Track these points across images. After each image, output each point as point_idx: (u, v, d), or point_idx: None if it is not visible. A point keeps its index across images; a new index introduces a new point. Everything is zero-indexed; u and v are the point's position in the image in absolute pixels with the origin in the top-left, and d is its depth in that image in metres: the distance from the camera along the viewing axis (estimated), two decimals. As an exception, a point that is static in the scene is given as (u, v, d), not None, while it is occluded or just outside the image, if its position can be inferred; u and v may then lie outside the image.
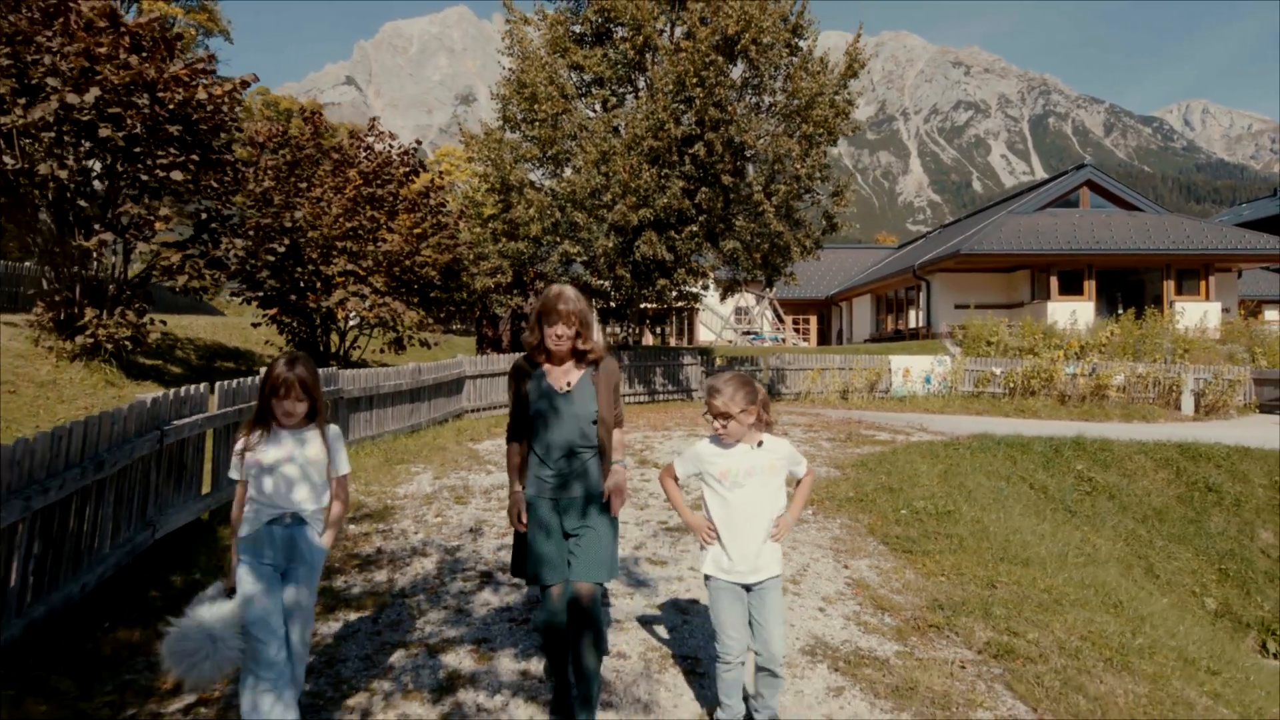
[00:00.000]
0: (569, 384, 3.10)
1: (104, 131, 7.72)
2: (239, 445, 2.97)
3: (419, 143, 14.84)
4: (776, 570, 2.99)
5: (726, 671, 2.99)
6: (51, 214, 8.35)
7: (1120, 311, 24.24)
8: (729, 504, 2.96)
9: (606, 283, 15.49)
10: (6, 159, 7.65)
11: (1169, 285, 26.02)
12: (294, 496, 2.91)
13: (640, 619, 4.33)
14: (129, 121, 7.88)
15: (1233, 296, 28.21)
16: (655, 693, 3.47)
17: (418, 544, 5.66)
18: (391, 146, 13.68)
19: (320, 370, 7.16)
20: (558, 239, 14.52)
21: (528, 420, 3.10)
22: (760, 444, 2.99)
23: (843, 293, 37.71)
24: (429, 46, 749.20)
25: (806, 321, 41.95)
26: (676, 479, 3.14)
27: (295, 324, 12.81)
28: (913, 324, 30.55)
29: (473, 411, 12.83)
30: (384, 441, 9.52)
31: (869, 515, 6.68)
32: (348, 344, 13.93)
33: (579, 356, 3.11)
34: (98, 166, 8.44)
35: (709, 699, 3.37)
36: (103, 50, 7.74)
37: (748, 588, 2.97)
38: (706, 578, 3.05)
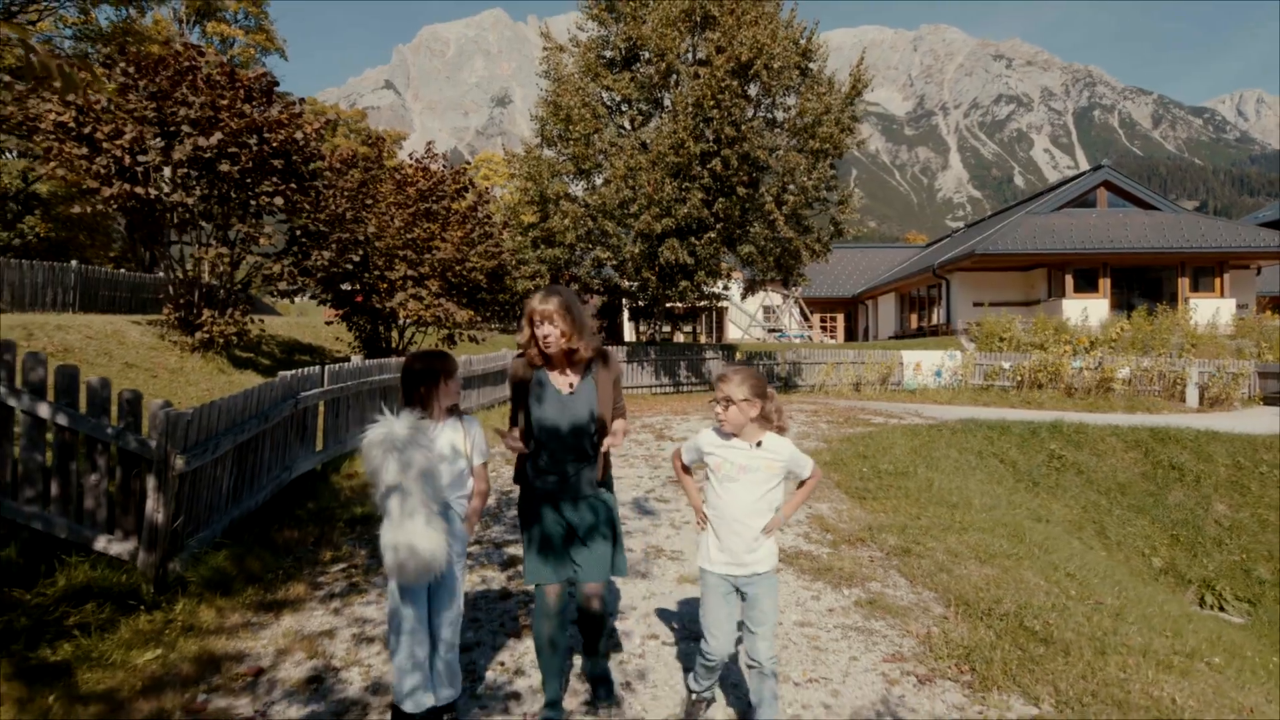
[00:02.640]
0: (571, 385, 3.08)
1: (223, 167, 9.62)
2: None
3: (455, 162, 16.59)
4: (767, 567, 2.96)
5: (707, 663, 3.06)
6: (178, 233, 10.29)
7: (1137, 308, 25.08)
8: (720, 496, 2.96)
9: (634, 284, 17.14)
10: (150, 190, 9.57)
11: (1184, 283, 26.77)
12: (441, 484, 2.96)
13: (644, 534, 5.97)
14: (243, 158, 9.76)
15: (1250, 293, 28.77)
16: (649, 569, 5.11)
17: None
18: (445, 167, 15.52)
19: (382, 360, 8.92)
20: (590, 246, 16.24)
21: (527, 420, 3.10)
22: (760, 444, 2.95)
23: (868, 291, 38.82)
24: (465, 49, 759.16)
25: (833, 319, 43.09)
26: (686, 465, 3.23)
27: (363, 322, 14.70)
28: (934, 321, 31.63)
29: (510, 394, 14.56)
30: (443, 421, 11.28)
31: (839, 474, 8.23)
32: (405, 340, 15.80)
33: (571, 357, 3.06)
34: (215, 194, 10.33)
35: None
36: (224, 102, 9.65)
37: (739, 587, 2.97)
38: (701, 570, 3.06)
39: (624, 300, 19.55)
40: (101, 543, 4.35)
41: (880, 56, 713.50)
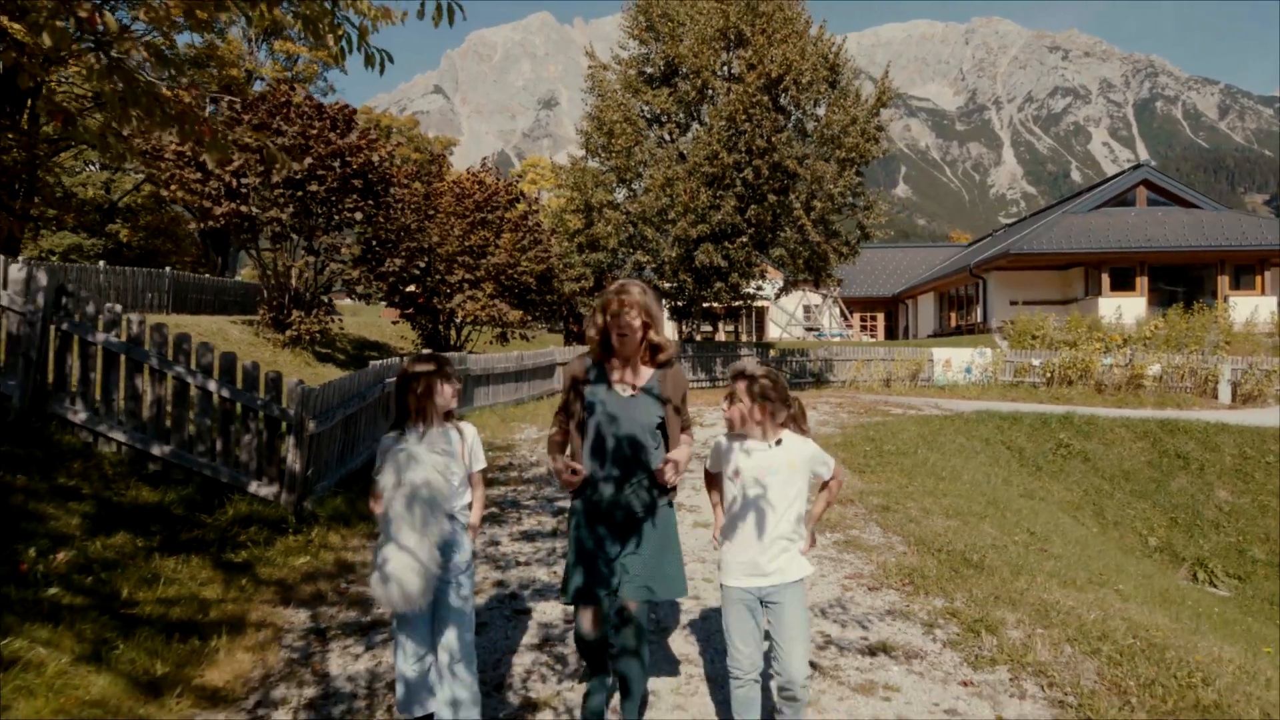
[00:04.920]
0: (634, 387, 2.89)
1: (312, 187, 11.18)
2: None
3: (501, 165, 18.03)
4: (794, 576, 2.77)
5: (738, 688, 2.78)
6: (272, 244, 11.91)
7: (1176, 306, 25.24)
8: (739, 500, 2.80)
9: (672, 286, 18.37)
10: (252, 208, 11.18)
11: (1223, 281, 26.83)
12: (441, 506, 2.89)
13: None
14: (328, 179, 11.31)
15: (1293, 291, 28.57)
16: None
17: (533, 461, 8.71)
18: (497, 176, 16.99)
19: (452, 354, 10.31)
20: (631, 250, 17.53)
21: (579, 424, 2.93)
22: (779, 442, 2.78)
23: (908, 291, 39.31)
24: (512, 53, 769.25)
25: (874, 318, 43.63)
26: (710, 473, 3.04)
27: (424, 321, 16.23)
28: (972, 320, 32.09)
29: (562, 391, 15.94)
30: (498, 409, 12.69)
31: (845, 453, 9.32)
32: (462, 337, 17.30)
33: (652, 354, 2.91)
34: (304, 210, 11.91)
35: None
36: (314, 131, 11.21)
37: (762, 599, 2.77)
38: (721, 586, 2.86)
39: (663, 301, 20.79)
40: (254, 486, 5.75)
41: (930, 50, 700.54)
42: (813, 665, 3.78)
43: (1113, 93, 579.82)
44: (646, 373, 2.94)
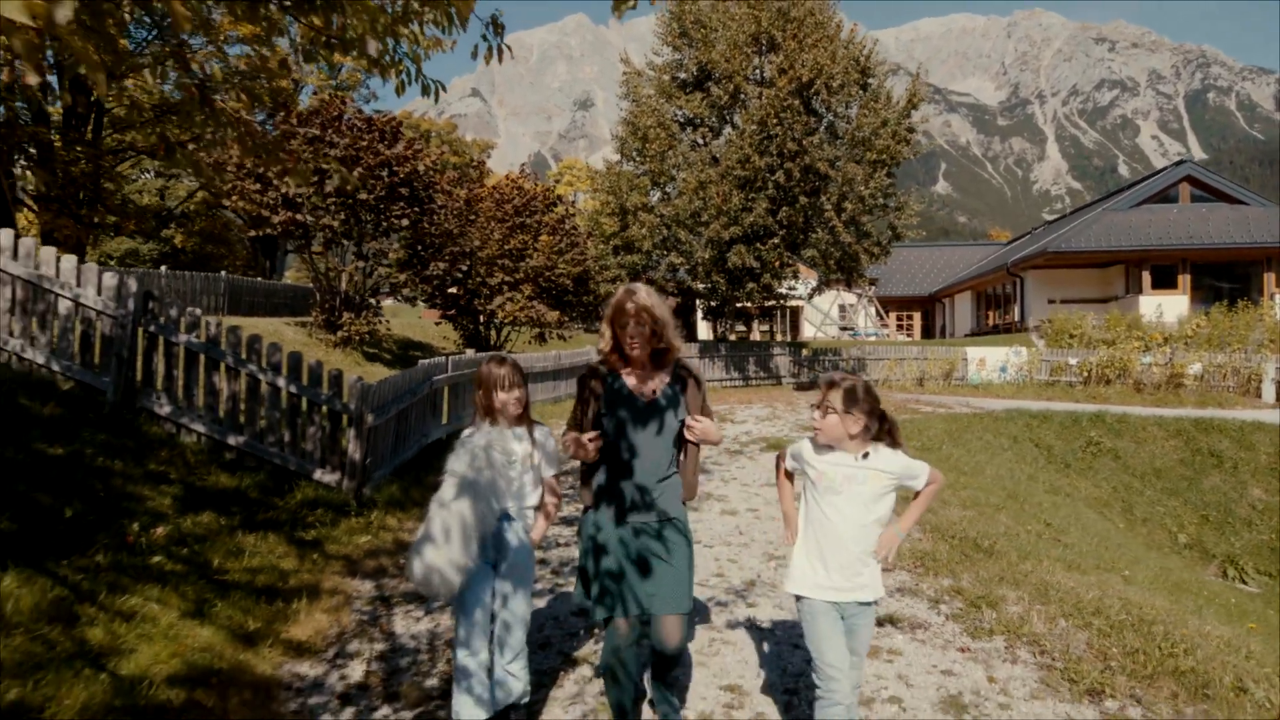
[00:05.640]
0: (652, 391, 2.84)
1: (362, 196, 11.85)
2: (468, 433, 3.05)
3: (538, 166, 18.61)
4: (873, 595, 2.70)
5: (829, 709, 2.57)
6: (324, 250, 12.62)
7: (1220, 304, 24.80)
8: (823, 510, 2.68)
9: (705, 286, 18.77)
10: (306, 216, 11.89)
11: (1269, 278, 26.30)
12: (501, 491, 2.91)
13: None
14: (377, 188, 11.96)
15: (1350, 287, 27.84)
16: (701, 507, 6.75)
17: (571, 455, 9.20)
18: (537, 183, 17.56)
19: (490, 353, 10.85)
20: (665, 252, 17.96)
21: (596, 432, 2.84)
22: (866, 455, 2.66)
23: (945, 289, 39.06)
24: (548, 55, 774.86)
25: (910, 317, 43.40)
26: (789, 471, 2.94)
27: (465, 322, 16.86)
28: (1010, 319, 31.86)
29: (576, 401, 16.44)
30: (535, 406, 13.21)
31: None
32: (501, 338, 17.91)
33: (657, 359, 2.85)
34: (354, 218, 12.59)
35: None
36: (364, 143, 11.88)
37: (841, 612, 2.67)
38: (797, 598, 2.76)
39: (697, 301, 21.18)
40: (318, 474, 6.32)
41: (970, 44, 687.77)
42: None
43: (1162, 84, 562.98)
44: (662, 377, 2.88)
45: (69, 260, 6.12)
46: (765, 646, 3.96)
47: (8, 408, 5.48)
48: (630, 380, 2.86)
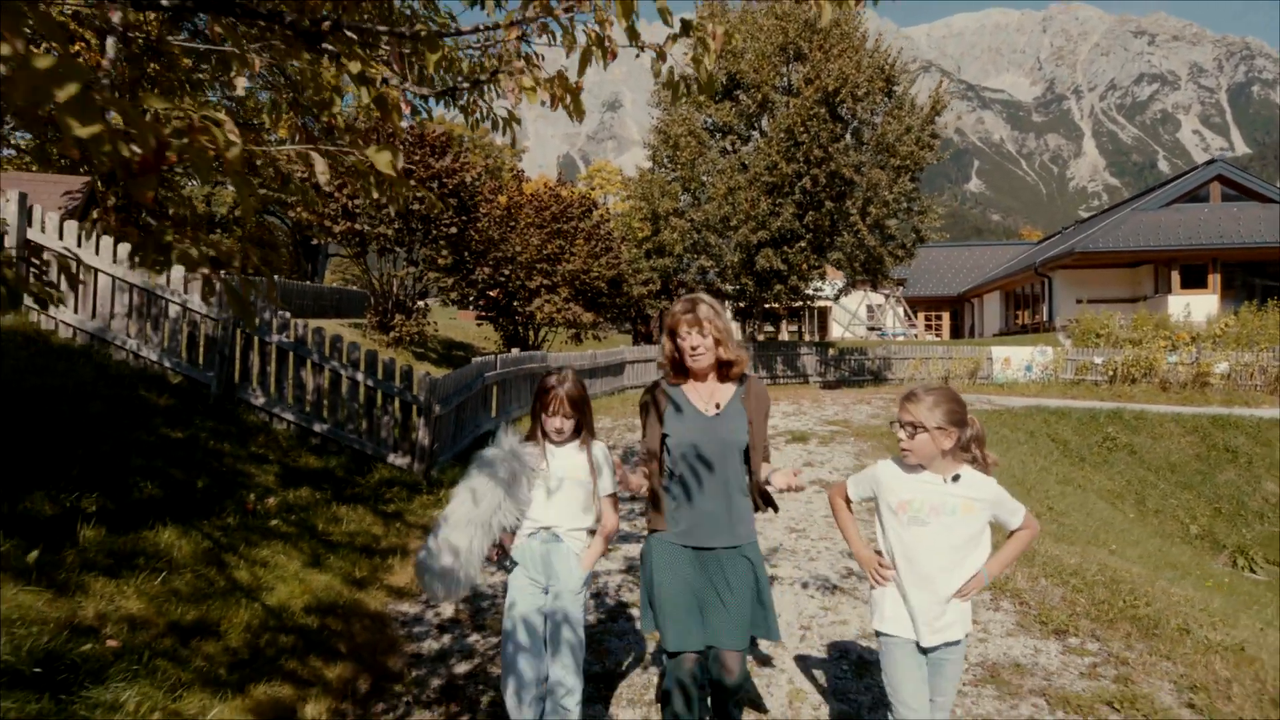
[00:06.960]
0: (718, 405, 2.73)
1: (414, 206, 12.77)
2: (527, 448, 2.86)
3: (566, 168, 19.44)
4: (960, 634, 2.49)
5: None
6: (379, 257, 13.61)
7: (1249, 304, 24.81)
8: (906, 544, 2.46)
9: (734, 289, 19.48)
10: (364, 225, 12.87)
11: (1302, 277, 26.22)
12: (552, 513, 2.81)
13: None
14: (427, 199, 12.85)
15: (1386, 286, 27.61)
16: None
17: (609, 445, 9.97)
18: (573, 190, 18.42)
19: (531, 351, 11.65)
20: (695, 255, 18.71)
21: (662, 450, 2.73)
22: (957, 478, 2.45)
23: (973, 290, 39.21)
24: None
25: (939, 317, 43.58)
26: (848, 500, 2.71)
27: (505, 323, 17.77)
28: (1038, 319, 32.02)
29: (631, 388, 17.22)
30: (575, 402, 14.03)
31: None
32: (539, 338, 18.78)
33: (723, 370, 2.75)
34: (406, 227, 13.56)
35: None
36: (416, 158, 12.82)
37: (925, 652, 2.47)
38: (878, 633, 2.57)
39: (726, 303, 21.89)
40: (391, 457, 7.17)
41: (1004, 40, 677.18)
42: (830, 589, 4.91)
43: (1204, 78, 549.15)
44: (726, 390, 2.76)
45: (177, 270, 7.05)
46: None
47: (132, 399, 6.41)
48: (691, 393, 2.76)
